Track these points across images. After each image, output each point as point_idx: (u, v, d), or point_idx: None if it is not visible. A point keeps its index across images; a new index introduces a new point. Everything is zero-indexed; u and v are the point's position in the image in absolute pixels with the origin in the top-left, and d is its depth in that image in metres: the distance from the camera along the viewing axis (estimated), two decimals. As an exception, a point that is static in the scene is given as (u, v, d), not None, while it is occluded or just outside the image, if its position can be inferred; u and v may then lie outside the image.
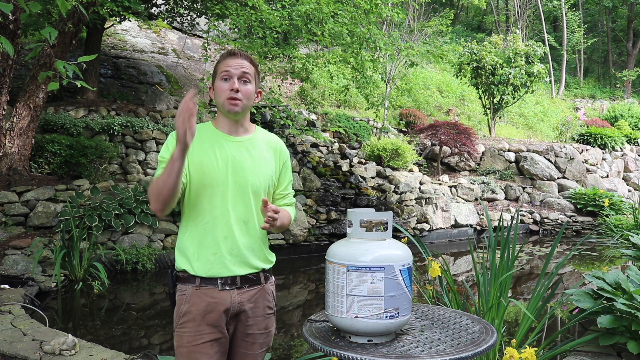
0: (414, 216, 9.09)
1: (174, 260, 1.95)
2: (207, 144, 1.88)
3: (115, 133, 8.10)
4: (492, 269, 3.29)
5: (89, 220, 6.13)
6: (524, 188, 11.37)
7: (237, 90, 1.85)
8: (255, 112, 8.95)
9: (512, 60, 13.36)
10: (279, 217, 1.83)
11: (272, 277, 2.03)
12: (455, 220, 9.60)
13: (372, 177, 9.94)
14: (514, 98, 13.82)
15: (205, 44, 7.61)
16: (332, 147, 10.57)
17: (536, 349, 2.51)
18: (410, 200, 9.40)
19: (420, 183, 10.32)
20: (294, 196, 2.17)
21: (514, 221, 3.65)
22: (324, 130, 11.31)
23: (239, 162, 1.89)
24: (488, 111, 14.17)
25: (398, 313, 1.74)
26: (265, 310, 1.97)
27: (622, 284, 3.33)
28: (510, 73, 13.07)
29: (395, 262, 1.74)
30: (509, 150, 12.28)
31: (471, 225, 9.83)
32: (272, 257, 2.02)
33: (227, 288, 1.86)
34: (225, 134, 1.92)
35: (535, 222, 10.41)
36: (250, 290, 1.91)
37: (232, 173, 1.87)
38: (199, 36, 13.16)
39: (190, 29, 11.00)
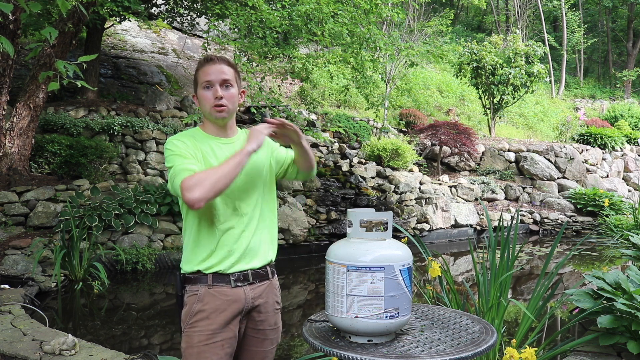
0: (414, 216, 9.09)
1: (179, 262, 1.95)
2: (205, 148, 1.91)
3: (115, 133, 8.10)
4: (492, 269, 3.29)
5: (89, 220, 6.13)
6: (524, 188, 11.37)
7: (221, 97, 1.88)
8: (255, 112, 8.97)
9: (512, 60, 13.36)
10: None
11: (275, 272, 2.07)
12: (455, 220, 9.60)
13: (372, 177, 9.93)
14: (514, 98, 13.81)
15: (205, 44, 7.61)
16: (332, 147, 10.57)
17: (536, 349, 2.51)
18: (410, 200, 9.39)
19: (420, 183, 10.32)
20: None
21: (514, 221, 3.64)
22: (324, 130, 11.30)
23: None
24: (488, 111, 14.17)
25: (398, 313, 1.74)
26: (275, 306, 2.01)
27: (622, 284, 3.33)
28: (510, 73, 13.07)
29: (395, 262, 1.74)
30: (509, 150, 12.28)
31: (471, 225, 9.83)
32: (275, 249, 2.06)
33: (240, 284, 1.88)
34: (217, 137, 1.95)
35: (535, 222, 10.41)
36: (261, 285, 1.95)
37: None
38: (199, 36, 13.16)
39: (190, 29, 11.00)
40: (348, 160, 9.88)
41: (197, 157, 1.85)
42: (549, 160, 12.02)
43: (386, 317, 1.72)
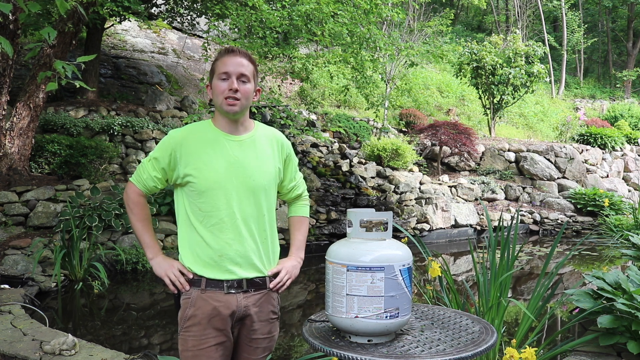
0: (414, 216, 9.09)
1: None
2: (208, 144, 1.85)
3: (115, 133, 8.10)
4: (492, 269, 3.29)
5: (89, 220, 6.13)
6: (524, 188, 11.36)
7: (236, 90, 1.82)
8: (255, 112, 8.97)
9: (512, 60, 13.36)
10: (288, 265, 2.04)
11: None
12: (455, 220, 9.59)
13: (372, 177, 9.93)
14: (514, 98, 13.82)
15: (205, 44, 7.61)
16: (332, 147, 10.57)
17: (536, 349, 2.51)
18: (410, 200, 9.39)
19: (420, 183, 10.32)
20: None
21: (514, 221, 3.64)
22: (324, 130, 11.30)
23: (243, 161, 1.86)
24: (488, 111, 14.17)
25: (398, 313, 1.74)
26: (270, 315, 1.94)
27: (622, 284, 3.33)
28: (510, 73, 13.07)
29: (395, 262, 1.74)
30: (509, 150, 12.28)
31: (471, 225, 9.83)
32: (277, 260, 2.00)
33: (233, 292, 1.83)
34: (226, 133, 1.88)
35: (535, 222, 10.41)
36: (256, 294, 1.89)
37: (236, 173, 1.84)
38: (199, 36, 13.16)
39: (190, 29, 11.00)
40: (348, 160, 9.88)
41: (166, 171, 1.90)
42: (549, 160, 12.02)
43: (386, 317, 1.72)
